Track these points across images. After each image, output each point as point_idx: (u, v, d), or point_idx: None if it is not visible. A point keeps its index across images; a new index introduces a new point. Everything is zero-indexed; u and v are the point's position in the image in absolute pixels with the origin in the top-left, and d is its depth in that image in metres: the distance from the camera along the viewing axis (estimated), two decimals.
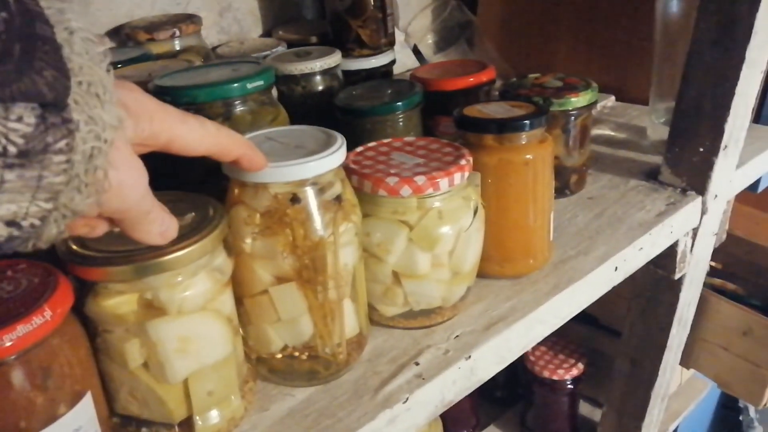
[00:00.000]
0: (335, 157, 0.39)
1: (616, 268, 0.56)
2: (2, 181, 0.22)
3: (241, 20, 0.83)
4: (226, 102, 0.47)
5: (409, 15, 0.90)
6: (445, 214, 0.44)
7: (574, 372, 0.93)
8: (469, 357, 0.45)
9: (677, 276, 0.69)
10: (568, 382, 0.94)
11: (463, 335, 0.47)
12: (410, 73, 0.66)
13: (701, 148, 0.62)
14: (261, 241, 0.39)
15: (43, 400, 0.31)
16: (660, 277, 0.71)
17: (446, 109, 0.58)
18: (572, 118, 0.61)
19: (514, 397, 1.08)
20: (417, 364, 0.44)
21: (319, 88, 0.63)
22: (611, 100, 0.88)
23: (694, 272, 0.71)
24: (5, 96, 0.21)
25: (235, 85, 0.47)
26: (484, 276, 0.52)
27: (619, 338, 0.83)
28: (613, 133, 0.80)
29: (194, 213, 0.38)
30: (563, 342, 0.97)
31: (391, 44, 0.75)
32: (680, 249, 0.66)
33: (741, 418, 1.40)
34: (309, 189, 0.39)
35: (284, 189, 0.38)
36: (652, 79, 0.73)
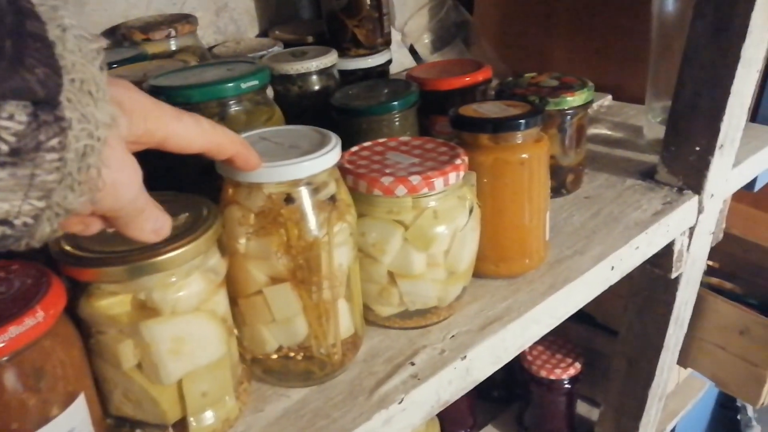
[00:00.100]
0: (329, 157, 0.39)
1: (613, 268, 0.56)
2: None
3: (238, 20, 0.83)
4: (221, 102, 0.48)
5: (406, 14, 0.90)
6: (440, 214, 0.44)
7: (572, 371, 0.93)
8: (465, 357, 0.45)
9: (674, 275, 0.69)
10: (566, 382, 0.93)
11: (458, 335, 0.47)
12: (406, 73, 0.66)
13: (697, 147, 0.62)
14: (255, 241, 0.39)
15: (36, 402, 0.31)
16: (657, 276, 0.71)
17: (443, 109, 0.58)
18: (568, 118, 0.61)
19: (511, 397, 1.08)
20: (412, 364, 0.44)
21: (316, 87, 0.63)
22: (608, 99, 0.88)
23: (690, 271, 0.71)
24: None
25: (229, 85, 0.47)
26: (480, 276, 0.52)
27: (617, 337, 0.83)
28: (609, 132, 0.80)
29: (188, 213, 0.37)
30: (560, 341, 0.97)
31: (387, 44, 0.75)
32: (677, 248, 0.66)
33: (739, 417, 1.40)
34: (303, 189, 0.39)
35: (278, 189, 0.38)
36: (649, 78, 0.73)
